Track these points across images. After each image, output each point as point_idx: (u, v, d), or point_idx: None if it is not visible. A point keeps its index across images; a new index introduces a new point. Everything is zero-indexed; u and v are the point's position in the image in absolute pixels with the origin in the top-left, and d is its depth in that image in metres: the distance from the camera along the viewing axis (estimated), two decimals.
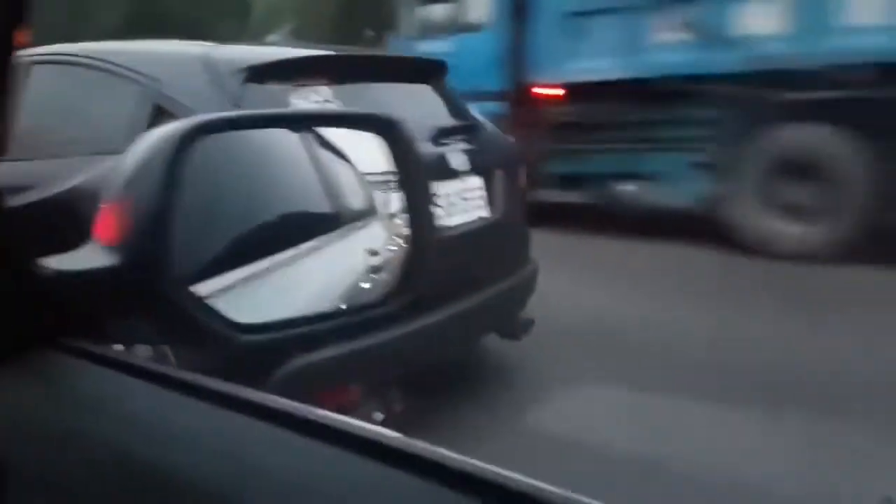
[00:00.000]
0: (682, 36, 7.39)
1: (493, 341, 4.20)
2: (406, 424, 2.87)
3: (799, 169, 6.89)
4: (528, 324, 4.05)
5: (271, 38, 11.53)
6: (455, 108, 3.99)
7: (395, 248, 1.01)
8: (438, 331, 3.10)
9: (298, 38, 12.07)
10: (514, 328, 4.02)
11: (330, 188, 1.08)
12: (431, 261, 0.94)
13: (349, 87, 3.35)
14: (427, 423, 3.14)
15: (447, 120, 3.82)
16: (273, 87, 3.03)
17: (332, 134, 1.08)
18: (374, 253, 1.03)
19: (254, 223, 0.97)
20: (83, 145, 3.00)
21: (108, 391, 0.79)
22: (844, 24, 6.44)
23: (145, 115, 2.89)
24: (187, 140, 0.82)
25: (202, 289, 0.85)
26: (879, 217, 6.48)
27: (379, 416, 2.89)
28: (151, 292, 0.82)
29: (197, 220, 0.90)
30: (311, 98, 3.09)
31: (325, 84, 3.20)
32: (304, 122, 1.03)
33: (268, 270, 0.95)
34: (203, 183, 0.89)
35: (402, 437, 0.61)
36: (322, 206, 1.09)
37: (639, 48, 7.64)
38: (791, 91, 6.70)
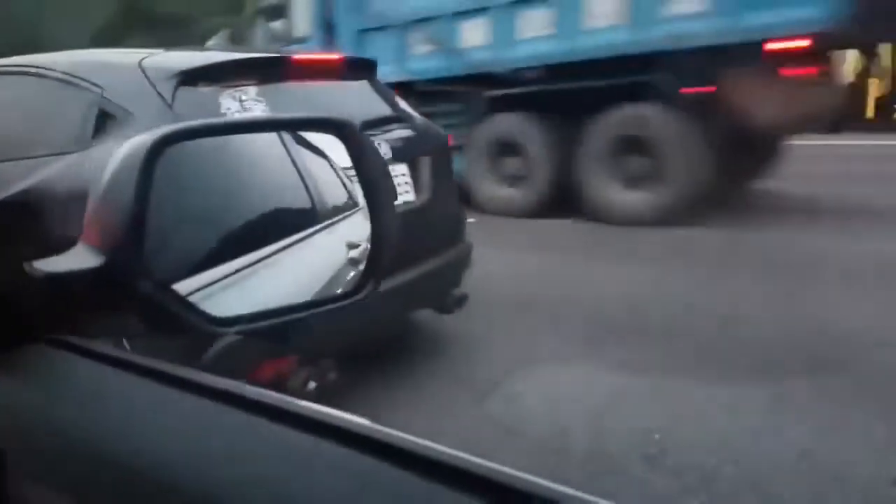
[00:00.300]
0: (428, 48, 9.09)
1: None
2: (338, 395, 2.92)
3: (506, 147, 8.68)
4: (462, 299, 4.10)
5: (210, 42, 11.68)
6: (385, 102, 4.01)
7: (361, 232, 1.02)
8: (367, 305, 3.12)
9: (238, 42, 12.17)
10: (447, 303, 4.07)
11: (311, 183, 1.09)
12: (392, 251, 0.96)
13: (282, 86, 3.38)
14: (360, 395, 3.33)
15: (375, 112, 3.83)
16: (204, 90, 3.09)
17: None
18: (354, 246, 1.04)
19: (236, 221, 0.98)
20: (38, 148, 3.03)
21: (94, 383, 0.80)
22: (524, 37, 8.20)
23: (92, 119, 2.97)
24: (157, 148, 0.83)
25: (184, 286, 0.86)
26: (560, 180, 8.21)
27: (312, 385, 2.91)
28: (131, 290, 0.83)
29: (180, 221, 0.91)
30: (238, 98, 3.13)
31: (255, 84, 3.24)
32: (265, 128, 1.04)
33: (251, 266, 0.96)
34: (183, 187, 0.90)
35: (375, 425, 0.60)
36: (303, 201, 1.09)
37: (404, 57, 9.21)
38: (497, 88, 8.69)
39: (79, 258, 0.82)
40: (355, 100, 3.89)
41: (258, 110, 3.16)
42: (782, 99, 6.61)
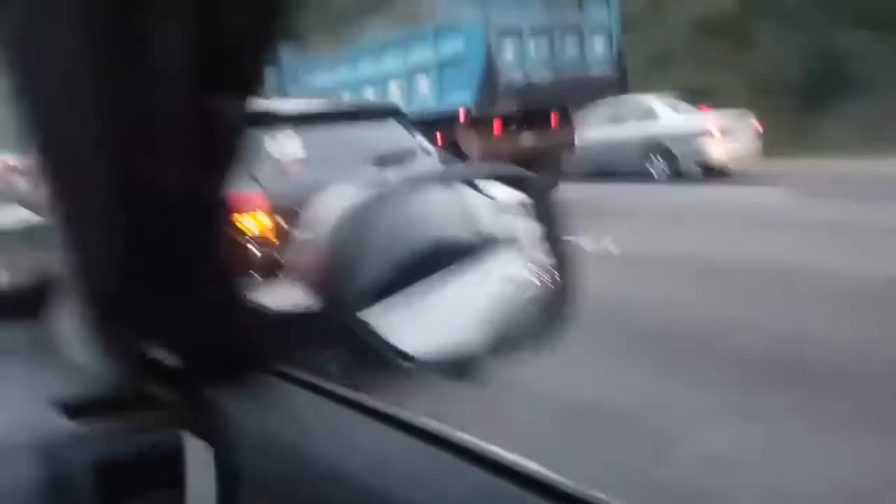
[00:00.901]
0: None
1: None
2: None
3: None
4: None
5: None
6: (410, 137, 4.10)
7: (533, 275, 0.99)
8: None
9: None
10: None
11: (472, 221, 1.06)
12: (574, 298, 0.94)
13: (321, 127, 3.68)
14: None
15: (400, 146, 3.92)
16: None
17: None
18: (513, 280, 1.01)
19: (407, 258, 0.97)
20: None
21: (312, 413, 0.79)
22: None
23: None
24: (371, 206, 0.83)
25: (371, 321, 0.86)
26: None
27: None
28: (343, 329, 0.83)
29: (373, 264, 0.90)
30: (280, 139, 3.42)
31: (293, 127, 3.53)
32: (452, 181, 1.03)
33: (420, 300, 0.95)
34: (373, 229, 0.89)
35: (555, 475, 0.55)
36: (467, 238, 1.06)
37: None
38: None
39: (301, 298, 0.82)
40: (382, 136, 3.96)
41: (293, 145, 3.38)
42: (490, 144, 10.21)
